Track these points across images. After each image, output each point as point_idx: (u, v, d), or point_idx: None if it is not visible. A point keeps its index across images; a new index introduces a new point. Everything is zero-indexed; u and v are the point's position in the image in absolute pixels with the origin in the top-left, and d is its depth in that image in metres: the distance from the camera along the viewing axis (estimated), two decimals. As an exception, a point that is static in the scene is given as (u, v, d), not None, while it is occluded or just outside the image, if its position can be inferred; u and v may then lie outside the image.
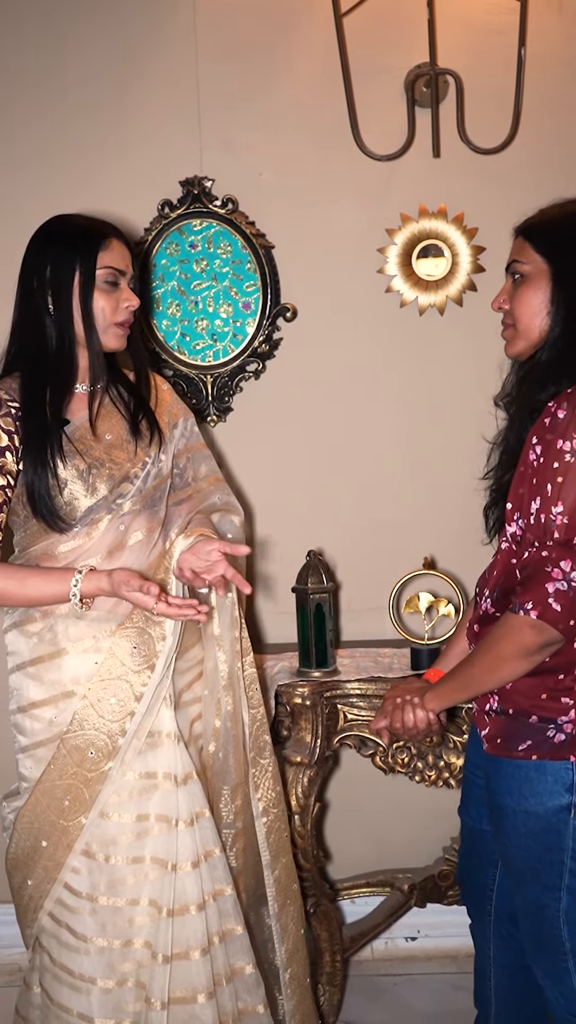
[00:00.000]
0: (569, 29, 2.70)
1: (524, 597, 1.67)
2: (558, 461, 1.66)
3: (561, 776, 1.74)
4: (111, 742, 1.92)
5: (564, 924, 1.78)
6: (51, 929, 1.98)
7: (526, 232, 1.84)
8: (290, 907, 2.18)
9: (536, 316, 1.79)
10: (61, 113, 2.71)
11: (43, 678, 1.97)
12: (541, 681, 1.74)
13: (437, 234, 2.72)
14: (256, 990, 2.04)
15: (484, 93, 2.68)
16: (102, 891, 1.94)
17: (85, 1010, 1.94)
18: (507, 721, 1.78)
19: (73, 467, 1.95)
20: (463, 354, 2.75)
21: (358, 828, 2.88)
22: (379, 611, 2.72)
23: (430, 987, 2.75)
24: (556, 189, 2.59)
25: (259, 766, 2.11)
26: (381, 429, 2.81)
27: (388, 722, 1.97)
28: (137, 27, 2.70)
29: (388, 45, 2.68)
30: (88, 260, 1.94)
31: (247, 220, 2.72)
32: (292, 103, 2.72)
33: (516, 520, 1.76)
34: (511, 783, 1.78)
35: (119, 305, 1.98)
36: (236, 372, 2.77)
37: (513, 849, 1.81)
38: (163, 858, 1.94)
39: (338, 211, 2.75)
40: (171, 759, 1.96)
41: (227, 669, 2.04)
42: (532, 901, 1.81)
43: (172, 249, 2.74)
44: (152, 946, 1.94)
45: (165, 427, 2.11)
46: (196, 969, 1.94)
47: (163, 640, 1.93)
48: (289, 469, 2.81)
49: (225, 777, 2.07)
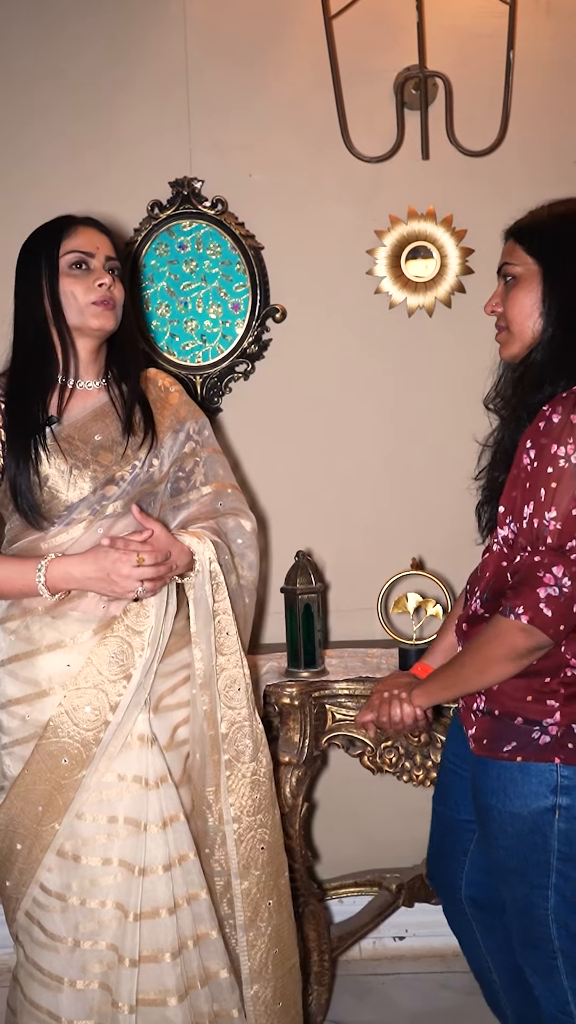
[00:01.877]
0: (557, 32, 2.72)
1: (515, 601, 1.68)
2: (552, 466, 1.66)
3: (546, 777, 1.74)
4: (85, 751, 1.91)
5: (552, 923, 1.79)
6: (25, 926, 1.98)
7: (516, 234, 1.85)
8: (260, 924, 2.05)
9: (529, 318, 1.79)
10: (51, 114, 2.71)
11: (19, 675, 1.96)
12: (527, 683, 1.75)
13: (426, 236, 2.73)
14: (231, 994, 2.01)
15: (473, 95, 2.69)
16: (73, 891, 1.93)
17: (54, 1008, 1.94)
18: (493, 722, 1.79)
19: (55, 466, 1.95)
20: (452, 355, 2.75)
21: (346, 828, 2.89)
22: (367, 611, 2.72)
23: (418, 986, 2.76)
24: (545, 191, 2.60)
25: (235, 770, 2.02)
26: (370, 430, 2.82)
27: (375, 716, 1.98)
28: (127, 28, 2.70)
29: (377, 47, 2.69)
30: (52, 249, 1.98)
31: (237, 221, 2.73)
32: (282, 104, 2.72)
33: (508, 524, 1.76)
34: (496, 784, 1.78)
35: (92, 285, 1.97)
36: (225, 373, 2.78)
37: (500, 849, 1.82)
38: (130, 861, 1.92)
39: (327, 212, 2.76)
40: (141, 762, 1.94)
41: (203, 667, 2.00)
42: (520, 900, 1.82)
43: (162, 250, 2.74)
44: (118, 949, 1.92)
45: (164, 430, 2.08)
46: (167, 972, 1.92)
47: (142, 651, 1.92)
48: (278, 469, 2.81)
49: (206, 780, 2.03)
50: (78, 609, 1.95)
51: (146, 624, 1.93)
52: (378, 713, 1.97)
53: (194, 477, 2.12)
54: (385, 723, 1.96)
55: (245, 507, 2.15)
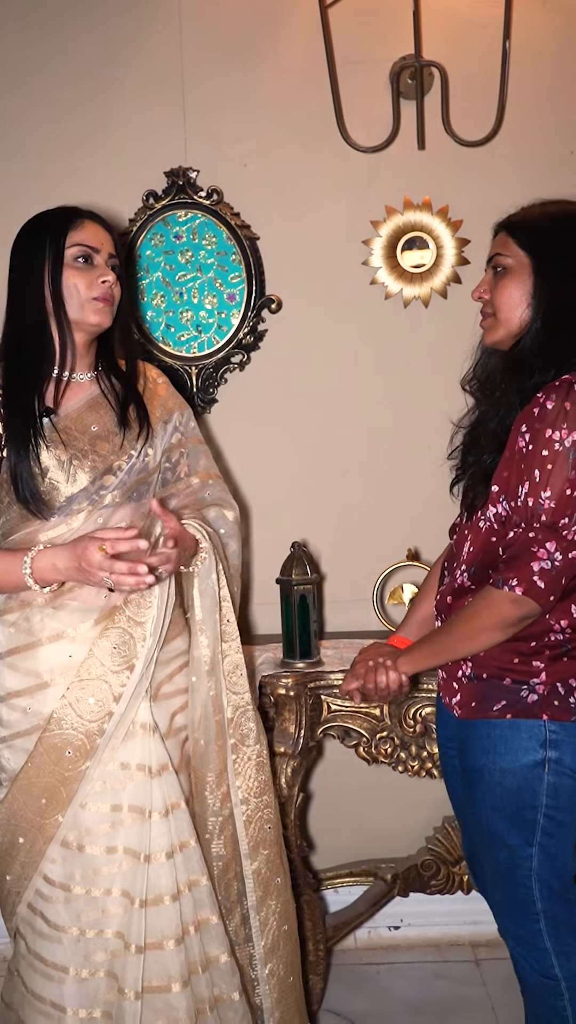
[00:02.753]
0: (553, 22, 2.71)
1: (509, 574, 1.76)
2: (547, 449, 1.75)
3: (535, 732, 1.83)
4: (89, 742, 1.92)
5: (535, 883, 1.85)
6: (27, 917, 1.99)
7: (509, 227, 1.92)
8: (271, 902, 2.13)
9: (517, 307, 1.87)
10: (47, 105, 2.70)
11: (19, 668, 1.97)
12: (514, 647, 1.84)
13: (422, 226, 2.72)
14: (232, 978, 2.04)
15: (469, 85, 2.68)
16: (77, 880, 1.94)
17: (57, 999, 1.94)
18: (480, 685, 1.86)
19: (54, 456, 1.95)
20: (448, 346, 2.73)
21: (341, 818, 2.89)
22: (363, 602, 2.72)
23: (413, 976, 2.77)
24: (540, 181, 2.62)
25: (241, 753, 2.09)
26: (365, 421, 2.82)
27: (360, 683, 2.04)
28: (122, 18, 2.69)
29: (373, 37, 2.68)
30: (58, 240, 1.97)
31: (232, 211, 2.72)
32: (277, 94, 2.72)
33: (501, 502, 1.83)
34: (486, 743, 1.85)
35: (95, 280, 1.98)
36: (221, 363, 2.77)
37: (487, 810, 1.87)
38: (136, 849, 1.94)
39: (323, 203, 2.75)
40: (144, 750, 1.96)
41: (209, 654, 2.04)
42: (503, 863, 1.88)
43: (157, 240, 2.73)
44: (125, 936, 1.94)
45: (156, 420, 2.10)
46: (170, 958, 1.94)
47: (143, 641, 1.93)
48: (274, 460, 2.81)
49: (208, 764, 2.06)
50: (78, 599, 1.96)
51: (148, 615, 1.94)
52: (364, 680, 2.03)
53: (179, 468, 2.15)
54: (371, 689, 2.02)
55: (228, 496, 2.18)
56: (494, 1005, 2.60)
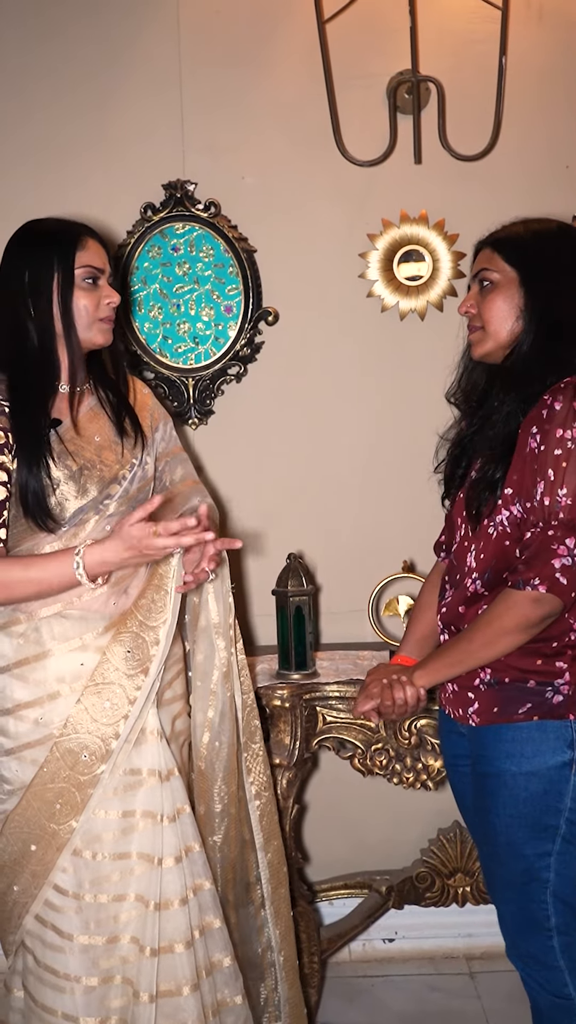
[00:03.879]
0: (549, 38, 2.73)
1: (529, 573, 1.78)
2: (560, 448, 1.78)
3: (562, 733, 1.83)
4: (104, 745, 1.93)
5: (550, 897, 1.84)
6: (36, 931, 1.98)
7: (495, 244, 1.97)
8: (281, 890, 2.22)
9: (506, 320, 1.92)
10: (45, 116, 2.71)
11: (28, 679, 1.97)
12: (536, 648, 1.84)
13: (418, 239, 2.74)
14: (235, 982, 2.07)
15: (465, 100, 2.70)
16: (87, 888, 1.95)
17: (70, 1010, 1.94)
18: (501, 690, 1.86)
19: (65, 468, 1.96)
20: (443, 359, 2.73)
21: (336, 830, 2.89)
22: (359, 614, 2.73)
23: (407, 988, 2.76)
24: (536, 196, 2.63)
25: (251, 750, 2.15)
26: (362, 433, 2.82)
27: (376, 703, 2.01)
28: (121, 30, 2.70)
29: (371, 51, 2.69)
30: (66, 260, 1.97)
31: (229, 224, 2.73)
32: (275, 108, 2.73)
33: (515, 504, 1.85)
34: (511, 747, 1.85)
35: (101, 302, 2.01)
36: (218, 375, 2.78)
37: (505, 819, 1.86)
38: (149, 853, 1.96)
39: (320, 216, 2.76)
40: (155, 756, 1.98)
41: (226, 656, 2.09)
42: (518, 876, 1.87)
43: (154, 252, 2.74)
44: (140, 941, 1.95)
45: (148, 430, 2.13)
46: (180, 962, 1.96)
47: (156, 644, 1.95)
48: (270, 472, 2.82)
49: (220, 764, 2.10)
50: (85, 608, 1.97)
51: (160, 618, 1.96)
52: (381, 699, 2.00)
53: (165, 476, 2.18)
54: (389, 707, 1.99)
55: (210, 500, 2.21)
56: (488, 1018, 2.60)
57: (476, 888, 2.69)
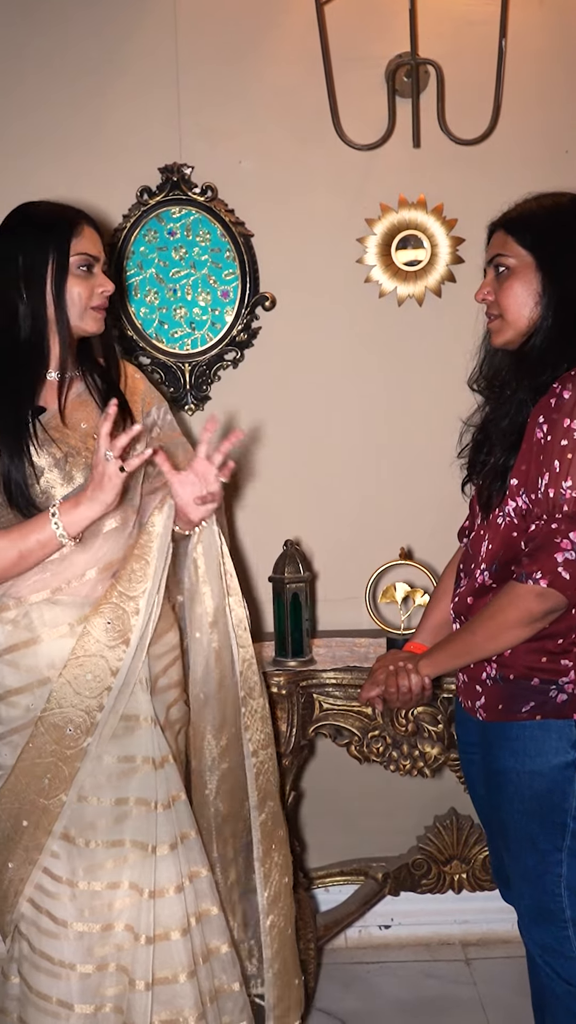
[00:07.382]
0: (550, 21, 2.71)
1: (532, 567, 1.75)
2: (566, 439, 1.74)
3: (566, 733, 1.81)
4: (89, 718, 1.93)
5: (564, 890, 1.84)
6: (31, 916, 1.98)
7: (507, 226, 1.91)
8: (275, 854, 2.17)
9: (524, 307, 1.86)
10: (41, 99, 2.68)
11: (19, 665, 1.96)
12: (541, 645, 1.81)
13: (416, 224, 2.72)
14: (232, 969, 2.07)
15: (465, 84, 2.68)
16: (81, 876, 1.95)
17: (64, 996, 1.94)
18: (506, 687, 1.84)
19: (49, 455, 1.95)
20: (441, 344, 2.75)
21: (333, 817, 2.89)
22: (356, 601, 2.72)
23: (403, 975, 2.77)
24: (535, 180, 2.60)
25: (248, 706, 2.11)
26: (359, 419, 2.81)
27: (381, 690, 2.00)
28: (117, 13, 2.68)
29: (369, 34, 2.67)
30: (62, 247, 1.96)
31: (226, 208, 2.71)
32: (273, 91, 2.71)
33: (521, 495, 1.82)
34: (515, 745, 1.84)
35: (94, 291, 2.00)
36: (214, 361, 2.76)
37: (514, 815, 1.86)
38: (143, 840, 1.95)
39: (318, 200, 2.74)
40: (149, 743, 1.97)
41: (213, 605, 2.05)
42: (532, 871, 1.86)
43: (151, 236, 2.72)
44: (134, 928, 1.95)
45: (138, 415, 2.11)
46: (176, 950, 1.96)
47: (137, 614, 1.94)
48: (266, 458, 2.81)
49: (207, 718, 2.08)
50: (75, 593, 1.97)
51: (139, 588, 1.94)
52: (386, 685, 1.99)
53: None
54: (393, 694, 1.99)
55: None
56: (484, 1004, 2.60)
57: (472, 875, 2.69)
